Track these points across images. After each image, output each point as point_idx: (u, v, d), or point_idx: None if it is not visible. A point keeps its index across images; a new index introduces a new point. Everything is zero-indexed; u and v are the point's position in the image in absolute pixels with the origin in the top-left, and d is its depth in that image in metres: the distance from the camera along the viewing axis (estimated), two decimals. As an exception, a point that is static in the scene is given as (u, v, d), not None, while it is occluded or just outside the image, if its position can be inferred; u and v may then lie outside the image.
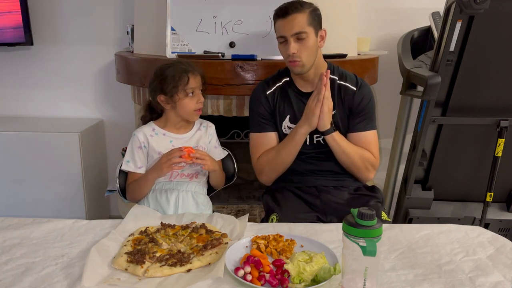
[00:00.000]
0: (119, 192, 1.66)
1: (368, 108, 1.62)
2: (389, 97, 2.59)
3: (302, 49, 1.53)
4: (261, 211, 2.27)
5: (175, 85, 1.52)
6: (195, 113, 1.58)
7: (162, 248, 1.13)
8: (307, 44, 1.53)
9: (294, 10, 1.50)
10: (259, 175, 1.69)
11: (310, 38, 1.52)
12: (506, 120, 1.98)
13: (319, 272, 0.98)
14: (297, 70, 1.57)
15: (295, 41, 1.52)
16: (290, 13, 1.50)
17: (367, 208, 0.89)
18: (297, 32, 1.51)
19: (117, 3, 2.60)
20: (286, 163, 1.61)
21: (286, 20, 1.51)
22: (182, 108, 1.55)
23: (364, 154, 1.60)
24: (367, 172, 1.62)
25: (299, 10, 1.51)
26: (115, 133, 2.79)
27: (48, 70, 2.70)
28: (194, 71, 1.55)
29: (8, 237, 1.20)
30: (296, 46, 1.52)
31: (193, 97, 1.55)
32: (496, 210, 2.26)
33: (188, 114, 1.58)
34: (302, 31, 1.51)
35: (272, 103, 1.65)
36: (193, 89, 1.54)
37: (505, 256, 1.11)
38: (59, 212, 2.49)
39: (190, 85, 1.53)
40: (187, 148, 1.48)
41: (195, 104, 1.56)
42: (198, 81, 1.57)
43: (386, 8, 2.59)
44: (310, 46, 1.53)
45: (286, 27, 1.52)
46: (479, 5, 1.68)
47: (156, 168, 1.50)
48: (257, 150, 1.66)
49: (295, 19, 1.50)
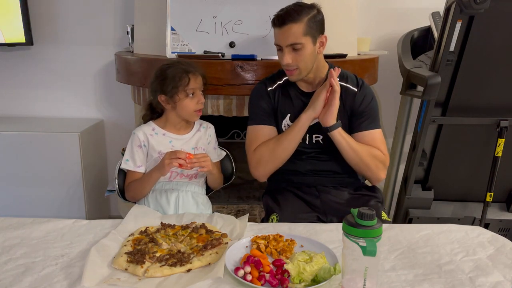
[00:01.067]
0: (118, 192, 1.66)
1: (370, 108, 1.60)
2: (389, 97, 2.60)
3: (298, 58, 1.51)
4: (261, 211, 2.27)
5: (175, 85, 1.51)
6: (195, 113, 1.58)
7: (162, 248, 1.13)
8: (303, 54, 1.50)
9: (290, 21, 1.46)
10: (255, 168, 1.60)
11: (306, 48, 1.50)
12: (506, 120, 1.98)
13: (319, 272, 0.98)
14: (293, 78, 1.57)
15: (289, 51, 1.50)
16: (286, 23, 1.47)
17: (367, 208, 0.89)
18: (292, 43, 1.48)
19: (117, 3, 2.60)
20: (285, 153, 1.56)
21: (282, 30, 1.49)
22: (183, 109, 1.55)
23: (373, 151, 1.56)
24: (378, 171, 1.56)
25: (295, 21, 1.46)
26: (115, 133, 2.79)
27: (48, 70, 2.70)
28: (195, 71, 1.55)
29: (8, 237, 1.20)
30: (291, 56, 1.50)
31: (194, 97, 1.55)
32: (496, 210, 2.26)
33: (188, 115, 1.57)
34: (297, 42, 1.48)
35: (273, 100, 1.64)
36: (193, 90, 1.54)
37: (505, 256, 1.12)
38: (59, 212, 2.49)
39: (191, 86, 1.53)
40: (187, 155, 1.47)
41: (195, 105, 1.55)
42: (199, 82, 1.56)
43: (386, 8, 2.59)
44: (307, 55, 1.51)
45: (281, 36, 1.50)
46: (479, 5, 1.68)
47: (160, 167, 1.50)
48: (254, 142, 1.61)
49: (290, 30, 1.47)
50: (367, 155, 1.54)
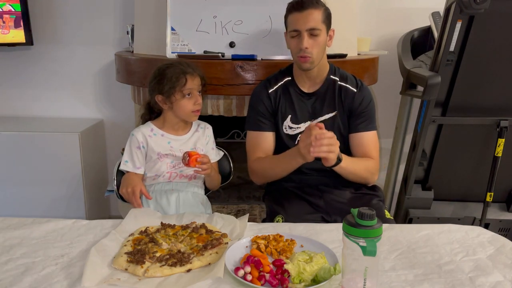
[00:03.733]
0: (117, 193, 1.65)
1: (368, 109, 1.62)
2: (389, 97, 2.59)
3: (314, 45, 1.52)
4: (261, 211, 2.27)
5: (172, 86, 1.51)
6: (193, 114, 1.57)
7: (162, 248, 1.13)
8: (319, 41, 1.52)
9: (311, 6, 1.49)
10: (251, 176, 1.69)
11: (322, 35, 1.52)
12: (506, 120, 1.98)
13: (319, 272, 0.98)
14: (306, 66, 1.56)
15: (308, 36, 1.51)
16: (306, 7, 1.49)
17: (367, 208, 0.89)
18: (312, 27, 1.50)
19: (117, 3, 2.60)
20: (279, 176, 1.62)
21: (303, 14, 1.50)
22: (180, 109, 1.55)
23: (368, 164, 1.59)
24: (372, 178, 1.62)
25: (315, 6, 1.50)
26: (115, 133, 2.79)
27: (48, 70, 2.70)
28: (193, 72, 1.55)
29: (8, 237, 1.20)
30: (309, 41, 1.51)
31: (191, 98, 1.55)
32: (496, 210, 2.26)
33: (185, 115, 1.57)
34: (316, 27, 1.50)
35: (274, 102, 1.64)
36: (190, 91, 1.54)
37: (505, 256, 1.11)
38: (59, 212, 2.49)
39: (188, 87, 1.53)
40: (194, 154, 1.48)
41: (192, 106, 1.55)
42: (197, 83, 1.56)
43: (386, 8, 2.59)
44: (322, 43, 1.54)
45: (301, 21, 1.50)
46: (479, 5, 1.68)
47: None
48: (254, 150, 1.65)
49: (311, 14, 1.49)
50: (364, 172, 1.58)
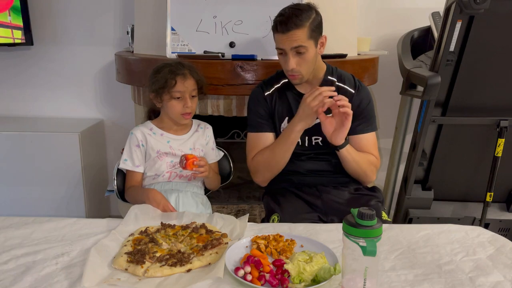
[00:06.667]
0: (117, 193, 1.65)
1: (367, 110, 1.62)
2: (389, 97, 2.59)
3: (302, 62, 1.50)
4: (261, 211, 2.27)
5: (161, 86, 1.52)
6: (182, 116, 1.56)
7: (162, 248, 1.13)
8: (307, 57, 1.50)
9: (294, 27, 1.45)
10: (253, 175, 1.66)
11: (309, 51, 1.49)
12: (506, 120, 1.98)
13: (319, 272, 0.98)
14: (296, 82, 1.57)
15: (294, 55, 1.49)
16: (290, 29, 1.45)
17: (367, 208, 0.89)
18: (297, 46, 1.47)
19: (117, 3, 2.60)
20: (281, 162, 1.58)
21: (285, 35, 1.47)
22: (169, 110, 1.56)
23: (370, 158, 1.61)
24: (372, 175, 1.63)
25: (298, 26, 1.45)
26: (115, 133, 2.79)
27: (48, 70, 2.70)
28: (187, 74, 1.54)
29: (9, 236, 1.20)
30: (295, 60, 1.49)
31: (180, 101, 1.54)
32: (496, 210, 2.26)
33: (175, 117, 1.58)
34: (302, 45, 1.47)
35: (270, 105, 1.64)
36: (180, 93, 1.53)
37: (505, 256, 1.12)
38: (59, 211, 2.49)
39: (177, 89, 1.52)
40: (191, 158, 1.48)
41: (181, 108, 1.54)
42: (189, 86, 1.55)
43: (386, 8, 2.59)
44: (310, 58, 1.51)
45: (286, 41, 1.48)
46: (479, 5, 1.68)
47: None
48: (253, 149, 1.64)
49: (295, 35, 1.46)
50: (366, 163, 1.59)
